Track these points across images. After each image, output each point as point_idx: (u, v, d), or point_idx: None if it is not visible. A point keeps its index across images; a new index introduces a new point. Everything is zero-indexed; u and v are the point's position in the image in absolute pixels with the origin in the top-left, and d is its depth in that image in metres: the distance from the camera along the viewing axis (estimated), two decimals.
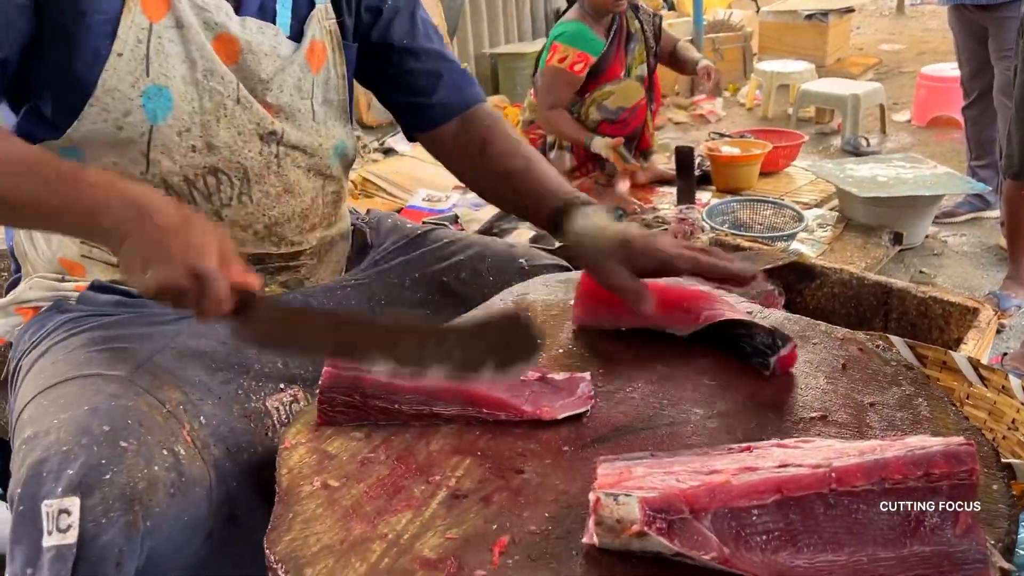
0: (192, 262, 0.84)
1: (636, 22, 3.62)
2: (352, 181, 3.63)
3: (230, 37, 1.08)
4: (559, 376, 0.97)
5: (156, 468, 0.85)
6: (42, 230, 1.10)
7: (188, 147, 1.07)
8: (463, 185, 1.44)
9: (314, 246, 1.24)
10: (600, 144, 3.46)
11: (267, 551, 0.76)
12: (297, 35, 1.16)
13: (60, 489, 0.79)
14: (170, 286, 0.85)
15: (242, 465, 0.97)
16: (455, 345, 0.91)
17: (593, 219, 1.10)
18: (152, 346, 1.02)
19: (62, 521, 0.78)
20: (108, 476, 0.81)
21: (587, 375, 0.98)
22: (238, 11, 1.10)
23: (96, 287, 1.11)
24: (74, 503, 0.79)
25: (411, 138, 1.35)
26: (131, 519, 0.81)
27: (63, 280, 1.14)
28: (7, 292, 1.19)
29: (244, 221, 1.14)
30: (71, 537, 0.78)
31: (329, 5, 1.19)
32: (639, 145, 3.73)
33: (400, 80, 1.28)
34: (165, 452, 0.87)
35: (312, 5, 1.17)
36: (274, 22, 1.13)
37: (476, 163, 1.28)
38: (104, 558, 0.79)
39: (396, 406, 0.93)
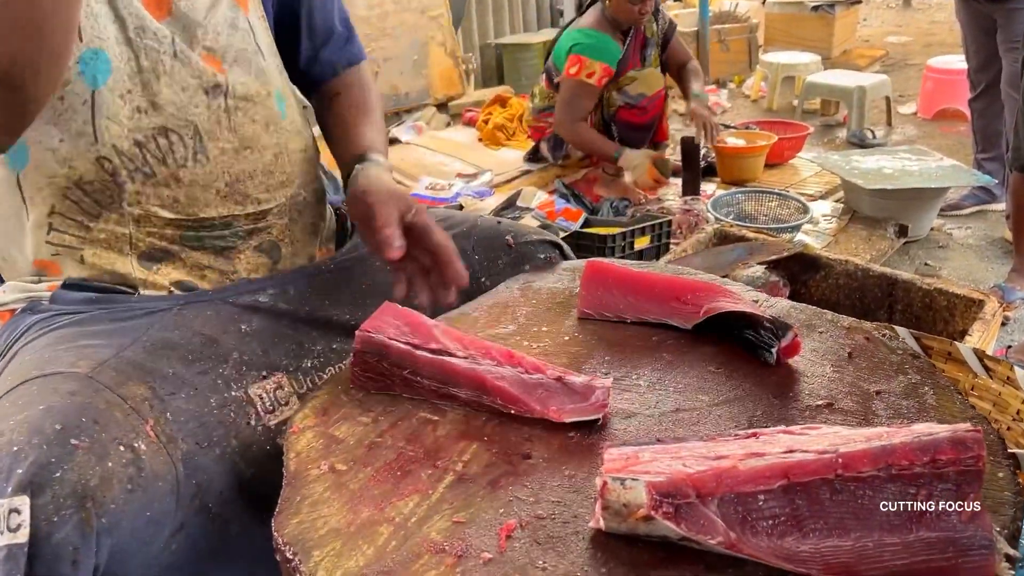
0: None
1: (653, 25, 3.60)
2: None
3: None
4: (578, 379, 0.94)
5: (110, 464, 0.84)
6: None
7: (133, 108, 1.04)
8: (467, 173, 1.45)
9: (282, 203, 1.21)
10: (631, 159, 3.44)
11: (275, 533, 0.76)
12: None
13: (10, 489, 0.79)
14: None
15: (215, 458, 0.96)
16: None
17: (381, 174, 1.17)
18: (121, 341, 1.01)
19: (12, 520, 0.77)
20: (58, 474, 0.80)
21: (607, 382, 0.94)
22: None
23: (68, 285, 1.10)
24: (24, 502, 0.78)
25: (297, 86, 1.38)
26: (84, 516, 0.80)
27: (39, 281, 1.12)
28: None
29: (203, 180, 1.11)
30: (22, 536, 0.77)
31: None
32: (655, 136, 3.71)
33: (296, 36, 1.29)
34: (122, 448, 0.86)
35: None
36: None
37: (324, 110, 1.35)
38: (59, 556, 0.78)
39: (417, 379, 0.95)
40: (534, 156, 3.86)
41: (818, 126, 4.97)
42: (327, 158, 1.35)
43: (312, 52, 1.32)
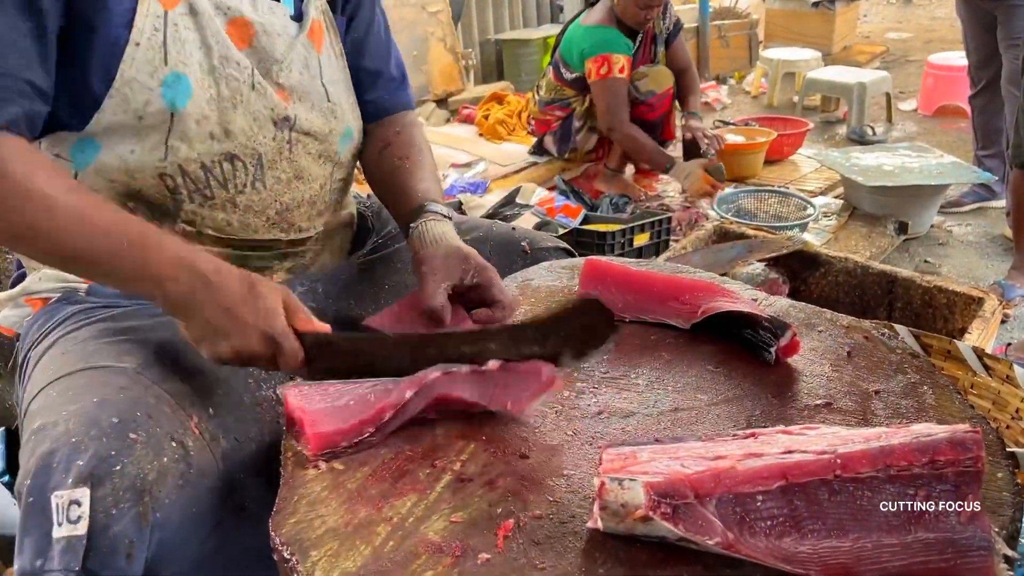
0: (265, 328, 0.90)
1: (661, 23, 3.60)
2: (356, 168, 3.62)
3: (244, 20, 1.08)
4: (521, 364, 0.92)
5: (165, 459, 0.86)
6: (109, 287, 1.08)
7: (206, 134, 1.06)
8: (460, 163, 1.46)
9: (320, 232, 1.24)
10: (683, 170, 3.39)
11: (272, 533, 0.76)
12: (299, 15, 1.16)
13: (70, 480, 0.79)
14: (246, 353, 0.90)
15: (250, 455, 0.97)
16: (533, 341, 0.94)
17: (445, 229, 1.14)
18: (160, 337, 1.02)
19: (72, 512, 0.78)
20: (118, 467, 0.81)
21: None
22: None
23: None
24: (84, 494, 0.79)
25: None
26: (141, 510, 0.81)
27: None
28: (13, 284, 1.19)
29: (258, 207, 1.14)
30: (81, 528, 0.78)
31: None
32: (661, 134, 3.69)
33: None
34: (174, 443, 0.88)
35: None
36: (278, 1, 1.13)
37: (373, 158, 1.32)
38: (115, 549, 0.79)
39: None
40: (538, 150, 3.84)
41: (818, 122, 4.96)
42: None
43: (358, 90, 1.30)
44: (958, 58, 4.39)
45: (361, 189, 1.58)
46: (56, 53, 0.96)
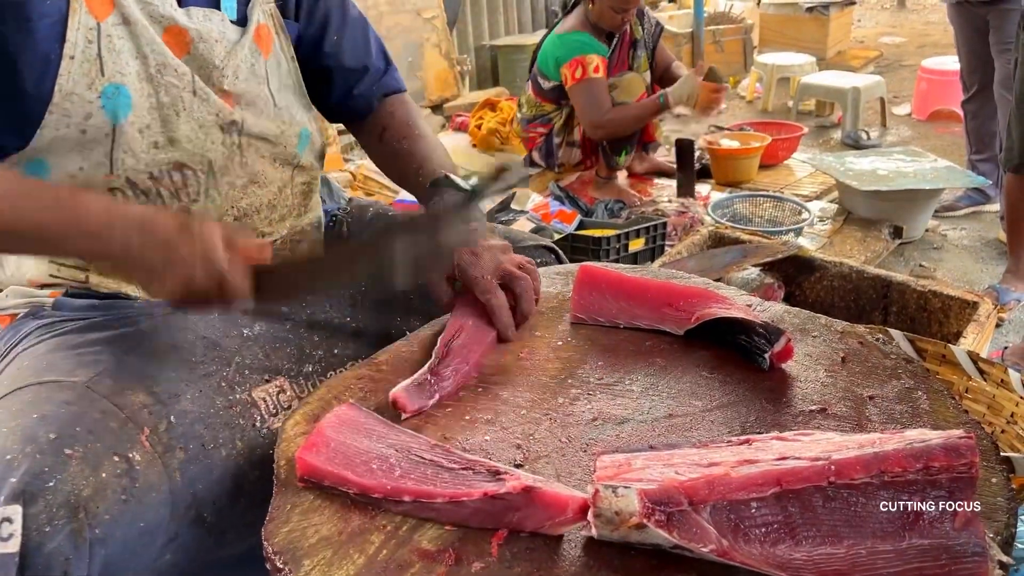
0: (203, 258, 0.89)
1: (640, 28, 3.60)
2: (352, 174, 3.61)
3: (179, 28, 1.07)
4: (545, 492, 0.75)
5: (104, 475, 0.84)
6: (45, 255, 1.09)
7: (150, 143, 1.06)
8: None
9: (284, 236, 1.23)
10: (679, 91, 3.30)
11: (264, 542, 0.76)
12: (242, 20, 1.15)
13: (2, 497, 0.78)
14: (191, 287, 0.90)
15: (222, 459, 0.96)
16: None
17: (451, 199, 1.17)
18: (124, 346, 1.01)
19: (4, 529, 0.77)
20: (51, 484, 0.80)
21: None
22: (180, 1, 1.08)
23: (71, 293, 1.10)
24: (16, 511, 0.77)
25: (331, 120, 1.40)
26: (76, 527, 0.80)
27: (41, 287, 1.12)
28: None
29: (214, 214, 1.13)
30: (13, 546, 0.76)
31: None
32: (642, 138, 3.70)
33: (331, 75, 1.30)
34: (116, 458, 0.86)
35: None
36: (218, 7, 1.12)
37: (375, 146, 1.37)
38: (50, 566, 0.78)
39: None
40: (530, 163, 3.85)
41: (813, 127, 4.98)
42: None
43: (345, 89, 1.32)
44: (952, 63, 4.40)
45: (351, 194, 1.57)
46: None
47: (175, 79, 1.06)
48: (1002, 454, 0.83)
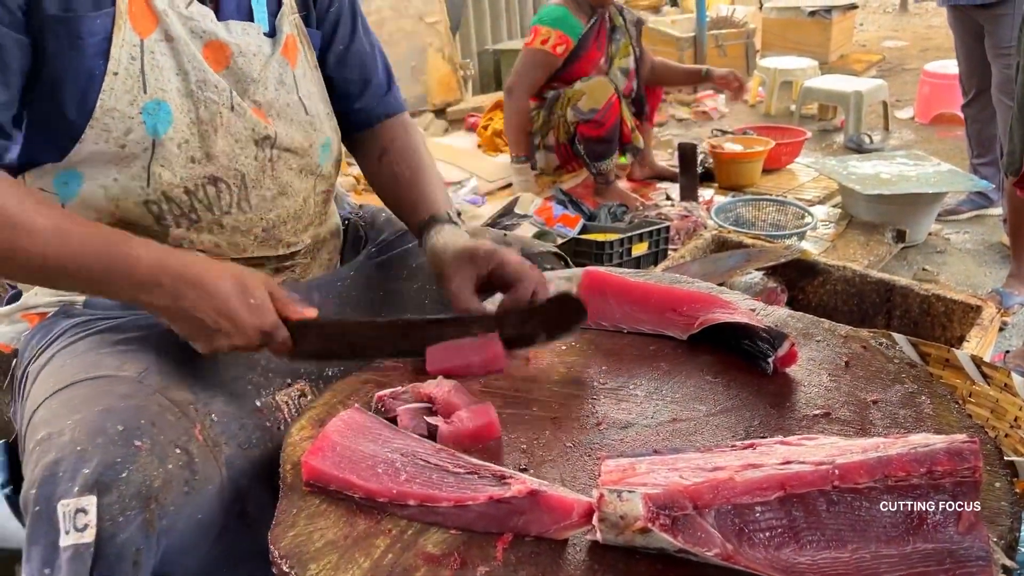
0: (259, 324, 0.94)
1: (620, 18, 3.64)
2: (355, 177, 3.62)
3: (220, 43, 1.09)
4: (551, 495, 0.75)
5: (170, 466, 0.86)
6: (93, 295, 1.10)
7: (188, 158, 1.07)
8: (452, 181, 1.47)
9: (308, 245, 1.25)
10: (518, 175, 3.56)
11: (271, 546, 0.76)
12: (272, 31, 1.17)
13: (76, 488, 0.80)
14: (238, 347, 0.96)
15: (253, 462, 0.98)
16: (512, 326, 1.06)
17: (447, 235, 1.17)
18: (160, 346, 1.02)
19: (79, 520, 0.79)
20: (124, 475, 0.82)
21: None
22: (218, 15, 1.10)
23: None
24: (91, 502, 0.79)
25: None
26: (147, 517, 0.82)
27: None
28: (9, 301, 1.19)
29: (244, 226, 1.14)
30: (88, 536, 0.78)
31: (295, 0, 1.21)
32: (620, 140, 3.67)
33: (332, 84, 1.30)
34: (178, 450, 0.88)
35: (280, 2, 1.18)
36: (252, 20, 1.14)
37: (373, 167, 1.35)
38: (122, 556, 0.80)
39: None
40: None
41: (815, 131, 4.97)
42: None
43: (346, 101, 1.32)
44: (954, 66, 4.38)
45: (356, 198, 1.58)
46: (25, 88, 0.98)
47: (214, 95, 1.08)
48: (1006, 458, 0.83)
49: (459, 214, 1.28)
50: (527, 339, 1.07)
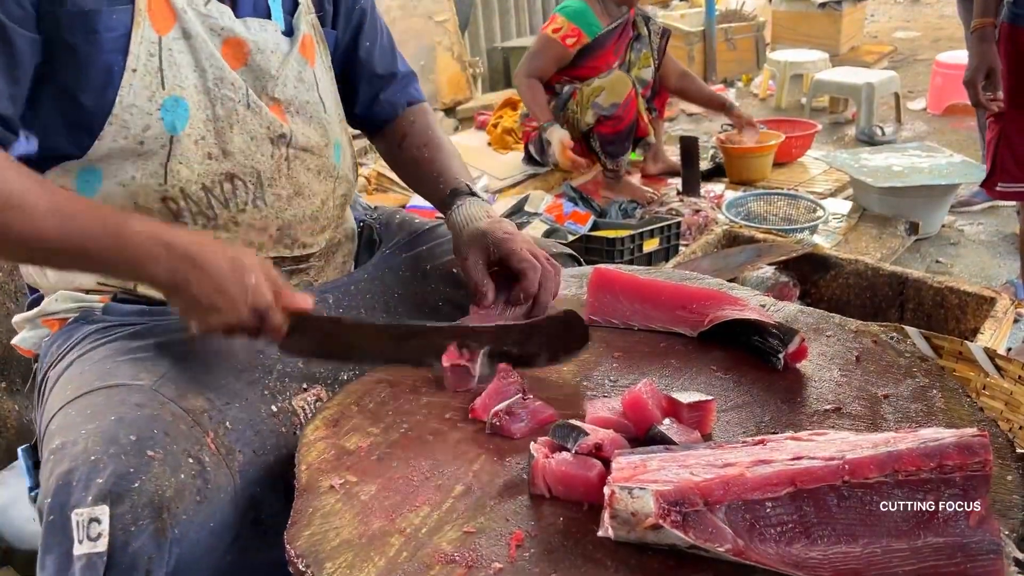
0: (253, 303, 0.94)
1: (644, 27, 3.62)
2: (366, 177, 3.64)
3: (238, 40, 1.10)
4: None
5: (183, 476, 0.87)
6: (93, 274, 1.11)
7: (204, 155, 1.08)
8: None
9: (323, 248, 1.26)
10: (554, 134, 3.47)
11: (287, 546, 0.77)
12: (289, 30, 1.18)
13: (90, 498, 0.81)
14: (231, 324, 0.94)
15: (268, 468, 0.98)
16: (514, 342, 1.04)
17: (467, 211, 1.21)
18: (177, 353, 1.03)
19: (92, 529, 0.80)
20: (137, 484, 0.83)
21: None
22: (236, 12, 1.11)
23: (120, 298, 1.13)
24: (104, 511, 0.80)
25: (352, 126, 1.42)
26: (160, 526, 0.82)
27: (88, 292, 1.15)
28: (30, 307, 1.20)
29: (259, 224, 1.15)
30: (102, 545, 0.79)
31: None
32: (635, 133, 3.67)
33: (359, 78, 1.34)
34: (191, 460, 0.89)
35: (297, 1, 1.19)
36: (269, 18, 1.15)
37: (394, 152, 1.40)
38: (135, 566, 0.81)
39: None
40: (529, 159, 3.86)
41: (826, 124, 4.95)
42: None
43: (371, 95, 1.37)
44: (966, 56, 4.37)
45: (369, 199, 1.59)
46: (43, 83, 0.99)
47: (231, 92, 1.09)
48: (1018, 451, 0.83)
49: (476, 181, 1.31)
50: (527, 359, 1.05)
